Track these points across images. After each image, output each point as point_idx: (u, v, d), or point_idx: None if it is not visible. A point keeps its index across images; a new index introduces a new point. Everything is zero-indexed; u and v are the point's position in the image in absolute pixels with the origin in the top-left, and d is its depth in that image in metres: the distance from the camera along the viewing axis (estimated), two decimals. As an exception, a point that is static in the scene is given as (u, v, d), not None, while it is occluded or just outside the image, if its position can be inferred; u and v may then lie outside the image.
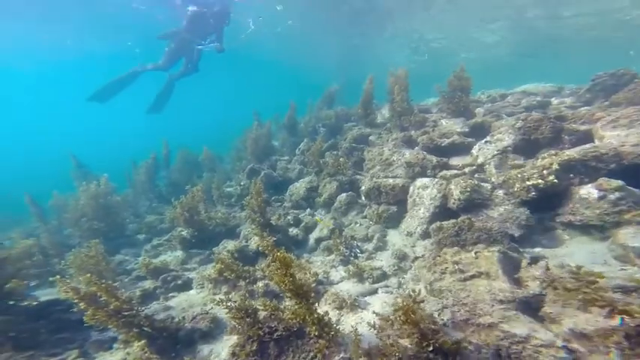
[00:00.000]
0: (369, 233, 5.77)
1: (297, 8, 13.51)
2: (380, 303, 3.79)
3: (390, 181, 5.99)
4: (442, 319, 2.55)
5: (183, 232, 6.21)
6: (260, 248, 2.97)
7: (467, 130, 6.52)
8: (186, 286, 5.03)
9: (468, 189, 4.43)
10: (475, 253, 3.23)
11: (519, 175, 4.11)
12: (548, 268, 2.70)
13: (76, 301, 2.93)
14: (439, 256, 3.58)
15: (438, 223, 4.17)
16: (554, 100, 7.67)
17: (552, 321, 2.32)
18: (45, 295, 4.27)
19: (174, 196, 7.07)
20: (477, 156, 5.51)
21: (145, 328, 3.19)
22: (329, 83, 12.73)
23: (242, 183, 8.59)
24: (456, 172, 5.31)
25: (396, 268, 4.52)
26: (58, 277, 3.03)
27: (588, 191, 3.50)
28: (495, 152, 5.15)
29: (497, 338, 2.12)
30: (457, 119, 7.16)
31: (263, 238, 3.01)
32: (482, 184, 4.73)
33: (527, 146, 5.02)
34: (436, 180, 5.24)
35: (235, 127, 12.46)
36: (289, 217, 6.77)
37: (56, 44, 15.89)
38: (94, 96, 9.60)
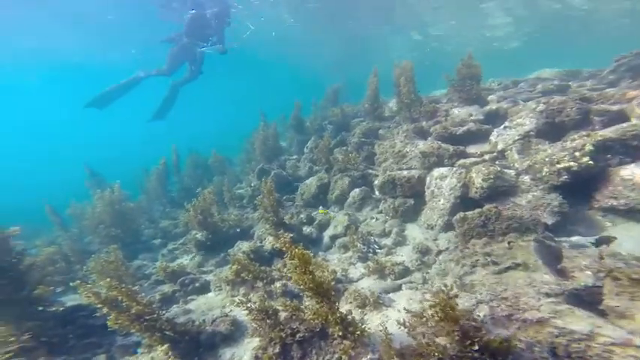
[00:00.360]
0: (386, 228, 5.61)
1: (296, 6, 13.40)
2: (405, 300, 3.62)
3: (405, 173, 5.79)
4: (478, 315, 2.37)
5: (197, 235, 6.19)
6: (277, 246, 2.84)
7: (481, 117, 6.27)
8: (205, 288, 4.99)
9: (491, 176, 4.20)
10: (508, 243, 3.02)
11: (547, 159, 3.85)
12: (602, 258, 2.45)
13: (98, 305, 2.90)
14: (467, 248, 3.39)
15: (461, 214, 3.96)
16: (574, 84, 7.30)
17: (621, 316, 2.07)
18: (69, 300, 4.30)
19: (187, 201, 7.09)
20: (496, 142, 5.24)
21: (167, 332, 3.14)
22: (331, 81, 12.61)
23: (252, 184, 8.54)
24: (475, 159, 5.07)
25: (418, 262, 4.34)
26: (78, 282, 3.01)
27: (632, 172, 3.22)
28: (517, 137, 4.88)
29: (550, 335, 1.92)
30: (470, 107, 6.90)
31: (280, 235, 2.89)
32: (505, 170, 4.49)
33: (552, 130, 4.73)
34: (454, 169, 5.02)
35: (242, 129, 12.49)
36: (302, 216, 6.67)
37: (65, 53, 16.20)
38: (93, 102, 9.62)
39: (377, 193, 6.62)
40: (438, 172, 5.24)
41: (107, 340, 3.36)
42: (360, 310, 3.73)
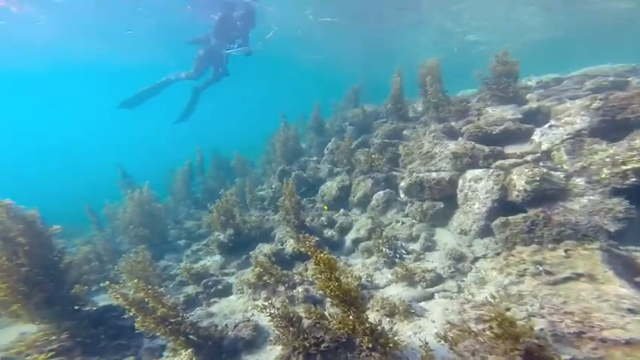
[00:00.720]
0: (413, 232, 5.29)
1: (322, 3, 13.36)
2: (440, 310, 3.31)
3: (434, 175, 5.45)
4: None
5: (220, 237, 6.22)
6: (300, 249, 2.68)
7: (520, 116, 5.77)
8: (227, 291, 4.96)
9: (537, 178, 3.78)
10: (566, 251, 2.65)
11: (608, 160, 3.39)
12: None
13: (125, 306, 2.90)
14: (512, 255, 3.03)
15: (502, 219, 3.59)
16: (634, 80, 6.52)
17: None
18: (101, 300, 4.43)
19: (210, 202, 7.18)
20: (540, 142, 4.76)
21: (191, 336, 3.08)
22: (351, 82, 12.48)
23: (273, 186, 8.53)
24: (514, 160, 4.63)
25: (452, 270, 3.99)
26: (107, 282, 3.04)
27: None
28: (565, 137, 4.39)
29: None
30: (506, 106, 6.41)
31: (305, 238, 2.73)
32: (551, 172, 4.03)
33: (610, 128, 4.19)
34: (491, 171, 4.62)
35: (262, 130, 12.62)
36: (322, 218, 6.51)
37: (91, 53, 17.18)
38: (125, 102, 10.12)
39: (402, 195, 6.31)
40: (471, 174, 4.86)
41: (135, 342, 3.39)
42: (388, 319, 3.47)
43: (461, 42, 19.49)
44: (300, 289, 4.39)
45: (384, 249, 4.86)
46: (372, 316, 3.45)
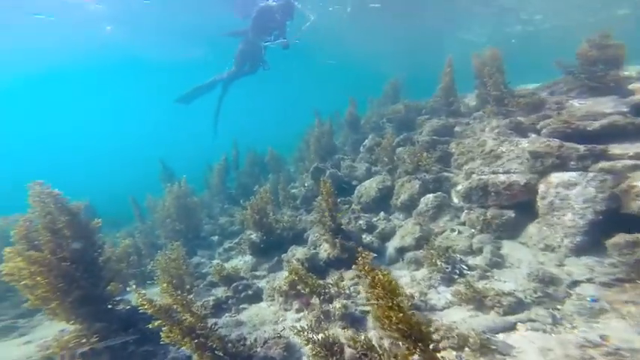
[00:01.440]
0: (473, 244, 4.43)
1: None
2: (534, 349, 2.47)
3: (502, 177, 4.48)
4: None
5: (252, 236, 5.93)
6: (358, 269, 2.10)
7: (625, 109, 4.48)
8: (257, 296, 4.61)
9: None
10: None
11: None
12: None
13: (151, 314, 2.62)
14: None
15: (626, 237, 2.62)
16: None
17: None
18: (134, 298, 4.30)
19: (243, 198, 6.96)
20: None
21: (218, 352, 2.70)
22: (390, 77, 11.70)
23: (306, 184, 8.09)
24: (627, 163, 3.50)
25: (539, 294, 3.09)
26: (134, 285, 2.80)
27: None
28: None
29: None
30: (602, 98, 5.11)
31: (361, 254, 2.14)
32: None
33: None
34: (591, 175, 3.56)
35: (293, 127, 12.27)
36: (360, 222, 5.88)
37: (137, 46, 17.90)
38: (181, 98, 10.42)
39: (456, 200, 5.41)
40: (559, 177, 3.83)
41: (161, 350, 3.20)
42: (455, 354, 2.73)
43: (518, 34, 16.96)
44: (337, 304, 3.82)
45: (438, 262, 4.09)
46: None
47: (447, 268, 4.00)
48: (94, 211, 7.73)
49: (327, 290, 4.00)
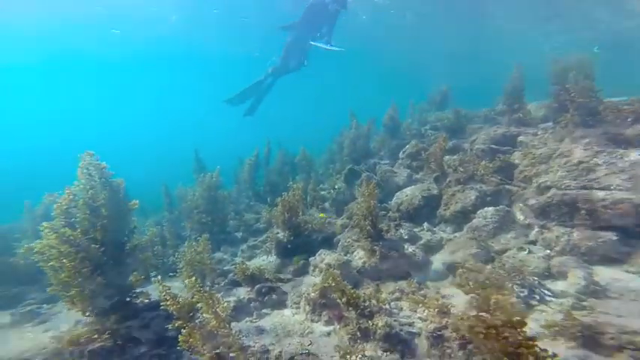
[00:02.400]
0: (552, 267, 3.58)
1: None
2: None
3: (601, 194, 3.60)
4: None
5: (279, 235, 5.48)
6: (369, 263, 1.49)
7: None
8: (281, 302, 4.11)
9: None
10: None
11: None
12: None
13: (173, 312, 2.24)
14: None
15: None
16: None
17: None
18: (155, 289, 4.00)
19: (270, 196, 6.58)
20: None
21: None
22: (434, 83, 11.00)
23: (336, 186, 7.57)
24: None
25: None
26: (159, 278, 2.48)
27: None
28: None
29: None
30: None
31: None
32: None
33: None
34: None
35: (327, 129, 11.86)
36: (401, 231, 5.20)
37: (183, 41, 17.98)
38: (230, 100, 10.20)
39: (521, 216, 4.53)
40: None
41: (174, 355, 2.80)
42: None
43: (603, 41, 14.69)
44: (379, 321, 3.16)
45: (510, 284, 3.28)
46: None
47: (522, 291, 3.20)
48: (128, 194, 7.82)
49: (367, 304, 3.36)
